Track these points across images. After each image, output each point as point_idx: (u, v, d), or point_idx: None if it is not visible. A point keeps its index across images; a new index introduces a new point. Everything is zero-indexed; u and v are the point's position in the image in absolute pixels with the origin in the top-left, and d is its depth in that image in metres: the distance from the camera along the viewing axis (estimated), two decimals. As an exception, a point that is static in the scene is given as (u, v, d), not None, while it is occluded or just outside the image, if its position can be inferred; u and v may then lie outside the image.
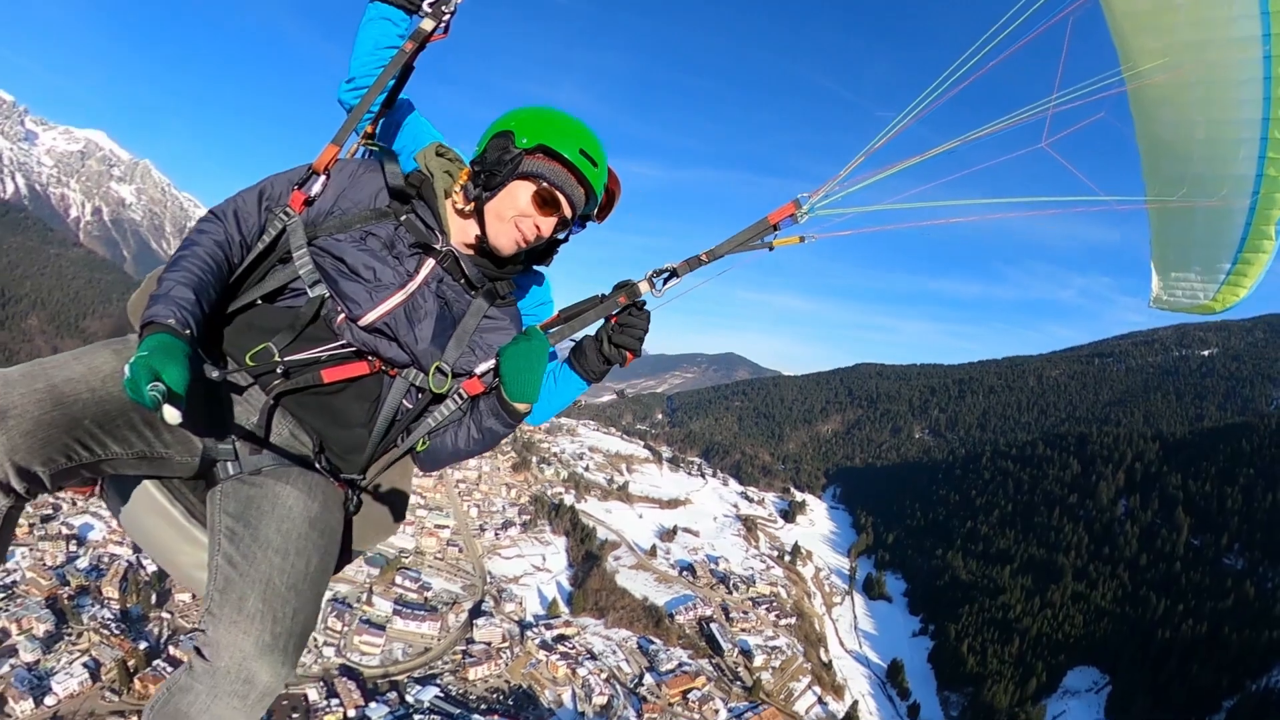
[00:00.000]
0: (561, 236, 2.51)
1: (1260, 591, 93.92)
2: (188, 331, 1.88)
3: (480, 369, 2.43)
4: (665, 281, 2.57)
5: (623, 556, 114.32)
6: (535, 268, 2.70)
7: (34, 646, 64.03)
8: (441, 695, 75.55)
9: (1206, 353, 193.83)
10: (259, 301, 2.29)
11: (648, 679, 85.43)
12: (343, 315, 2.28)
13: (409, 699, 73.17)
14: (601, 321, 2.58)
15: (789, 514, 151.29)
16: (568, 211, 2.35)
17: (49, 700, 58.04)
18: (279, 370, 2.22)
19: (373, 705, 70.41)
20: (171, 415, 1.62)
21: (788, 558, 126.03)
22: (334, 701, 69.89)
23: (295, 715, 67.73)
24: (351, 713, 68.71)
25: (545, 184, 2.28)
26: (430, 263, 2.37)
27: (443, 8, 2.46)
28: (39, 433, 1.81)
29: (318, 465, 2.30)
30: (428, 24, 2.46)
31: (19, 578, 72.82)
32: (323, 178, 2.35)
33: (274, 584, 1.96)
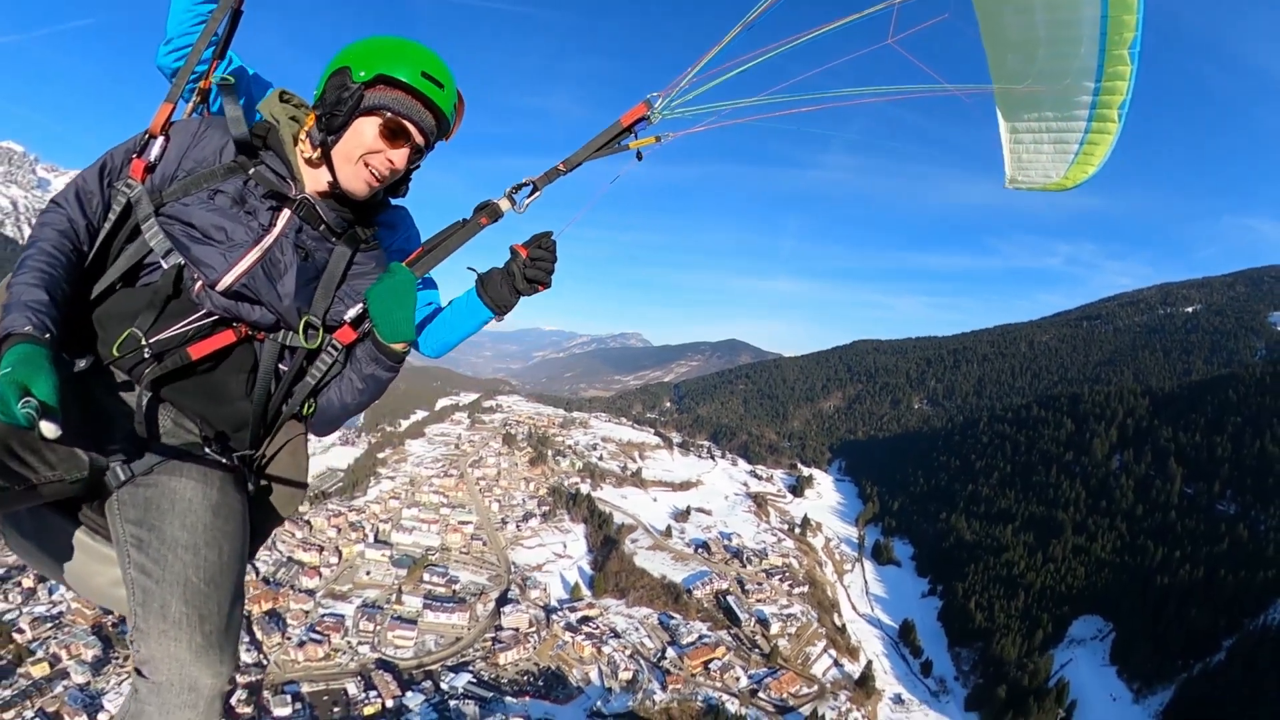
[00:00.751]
0: (415, 166, 2.33)
1: (1253, 534, 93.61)
2: (47, 335, 1.69)
3: (349, 315, 2.29)
4: (527, 196, 2.52)
5: (640, 539, 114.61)
6: (392, 201, 2.54)
7: (83, 670, 65.59)
8: (474, 681, 76.25)
9: (1190, 309, 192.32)
10: (118, 286, 2.09)
11: (670, 652, 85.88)
12: (200, 282, 2.09)
13: (443, 686, 73.86)
14: (509, 256, 2.50)
15: (797, 488, 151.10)
16: (419, 139, 2.18)
17: (101, 717, 58.89)
18: (147, 355, 2.04)
19: (409, 694, 71.22)
20: (49, 430, 1.45)
21: (798, 530, 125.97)
22: (372, 694, 70.79)
23: (336, 709, 68.54)
24: (390, 703, 69.48)
25: (390, 115, 2.11)
26: (286, 214, 2.19)
27: None
28: None
29: (208, 450, 2.13)
30: None
31: (65, 608, 74.19)
32: (161, 140, 2.14)
33: (192, 583, 1.86)
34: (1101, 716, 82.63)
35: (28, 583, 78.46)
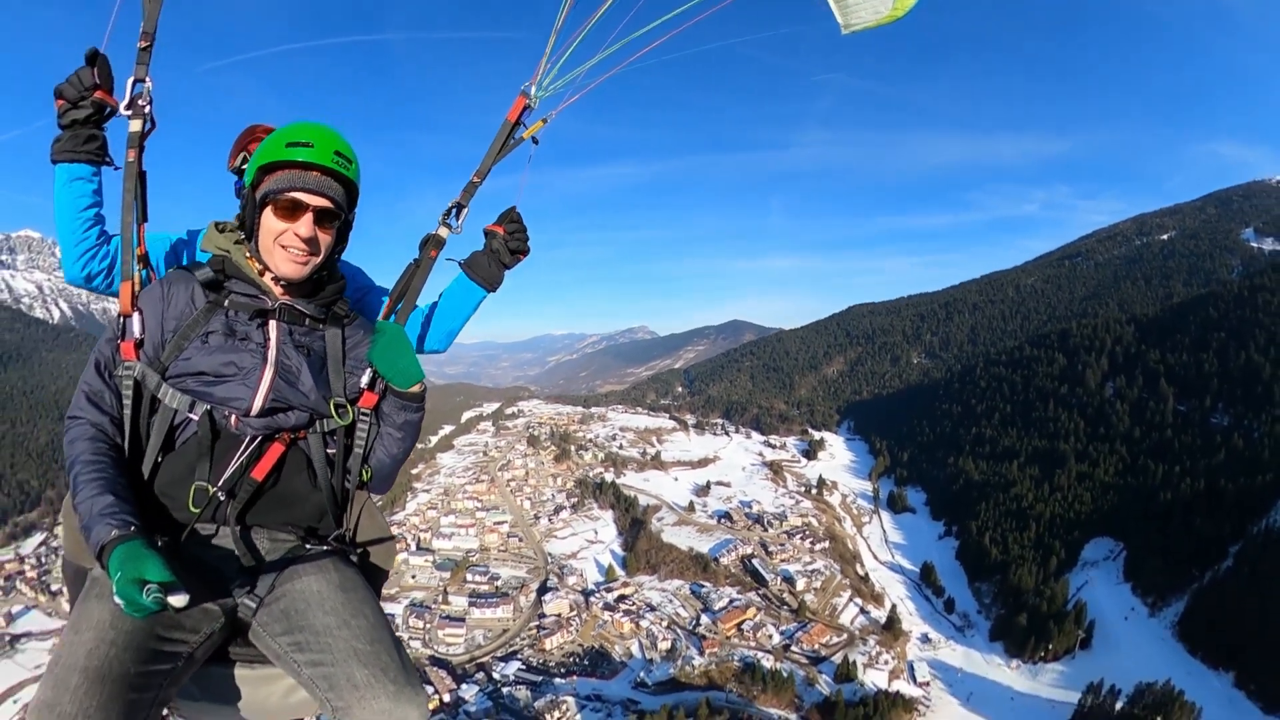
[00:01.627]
0: (346, 232, 2.34)
1: (1248, 442, 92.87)
2: (132, 528, 1.79)
3: (364, 382, 2.37)
4: (457, 217, 2.67)
5: (665, 516, 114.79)
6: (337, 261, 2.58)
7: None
8: (524, 667, 77.03)
9: (1165, 236, 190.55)
10: (161, 458, 2.15)
11: (704, 619, 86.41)
12: (233, 416, 2.16)
13: (496, 675, 74.56)
14: (486, 237, 2.78)
15: (810, 452, 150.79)
16: (318, 202, 2.15)
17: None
18: (221, 497, 2.14)
19: (464, 687, 71.99)
20: (179, 601, 1.60)
21: (814, 490, 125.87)
22: (429, 690, 71.25)
23: (398, 708, 69.17)
24: (446, 697, 70.15)
25: (278, 196, 2.13)
26: (273, 324, 2.25)
27: (140, 103, 2.31)
28: (109, 717, 1.68)
29: (308, 547, 2.27)
30: (135, 125, 2.31)
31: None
32: (136, 315, 2.18)
33: (360, 649, 1.95)
34: (1120, 633, 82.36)
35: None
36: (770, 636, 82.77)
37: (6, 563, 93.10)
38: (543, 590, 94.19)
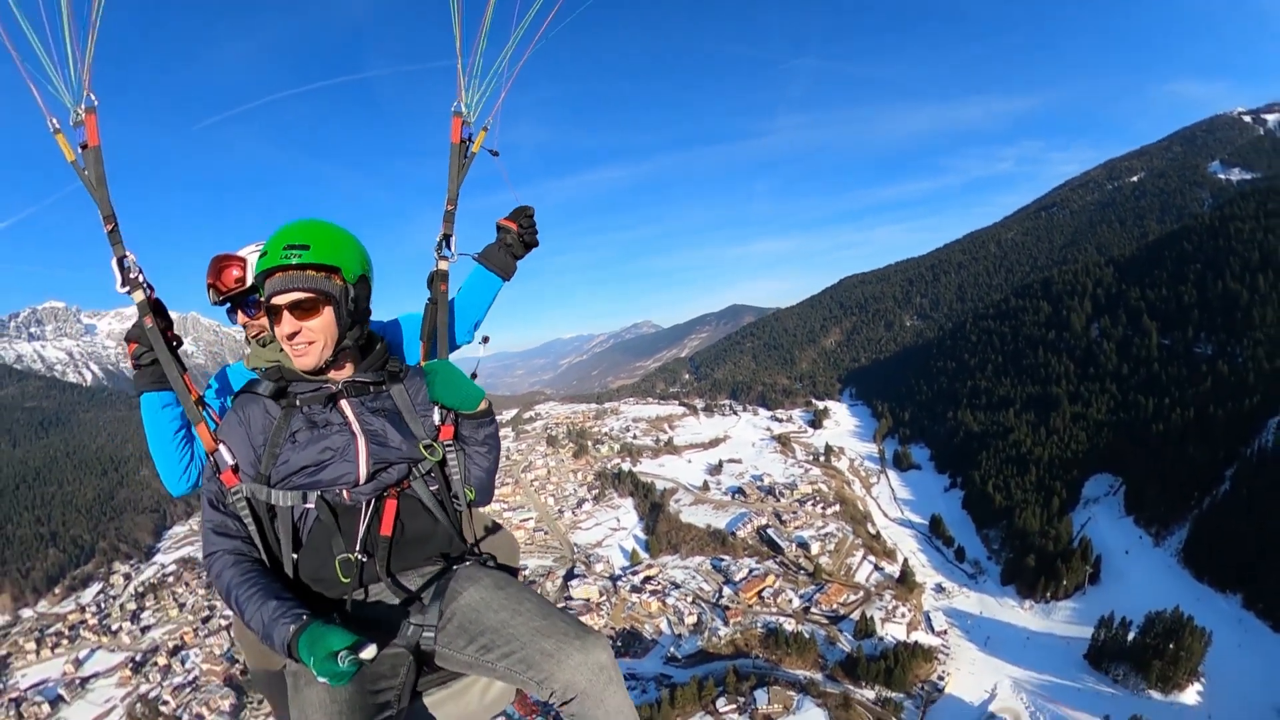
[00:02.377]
0: (344, 303, 2.31)
1: (1232, 367, 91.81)
2: (305, 617, 1.95)
3: (437, 419, 2.48)
4: (449, 246, 2.81)
5: (682, 498, 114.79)
6: (370, 324, 2.66)
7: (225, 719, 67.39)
8: (559, 654, 77.12)
9: (1135, 179, 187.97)
10: (296, 556, 2.31)
11: (726, 591, 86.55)
12: (345, 491, 2.29)
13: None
14: (500, 231, 2.95)
15: (815, 422, 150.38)
16: (283, 300, 2.19)
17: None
18: (364, 560, 2.28)
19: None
20: (370, 652, 1.79)
21: (822, 458, 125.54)
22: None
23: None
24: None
25: (268, 303, 2.21)
26: (345, 402, 2.37)
27: (132, 276, 2.41)
28: None
29: (454, 568, 2.43)
30: (138, 296, 2.41)
31: (197, 672, 76.67)
32: (222, 447, 2.31)
33: (538, 626, 2.12)
34: (1126, 565, 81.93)
35: (162, 661, 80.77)
36: (790, 601, 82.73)
37: (69, 613, 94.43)
38: (569, 576, 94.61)
